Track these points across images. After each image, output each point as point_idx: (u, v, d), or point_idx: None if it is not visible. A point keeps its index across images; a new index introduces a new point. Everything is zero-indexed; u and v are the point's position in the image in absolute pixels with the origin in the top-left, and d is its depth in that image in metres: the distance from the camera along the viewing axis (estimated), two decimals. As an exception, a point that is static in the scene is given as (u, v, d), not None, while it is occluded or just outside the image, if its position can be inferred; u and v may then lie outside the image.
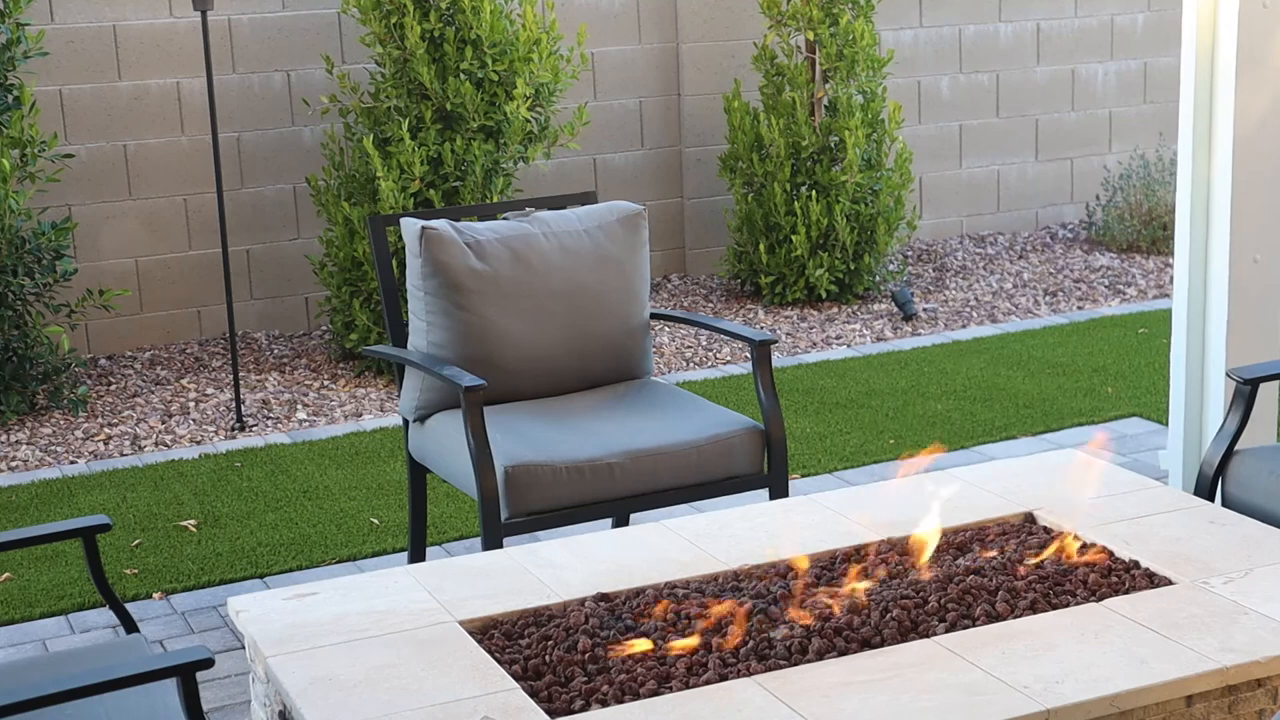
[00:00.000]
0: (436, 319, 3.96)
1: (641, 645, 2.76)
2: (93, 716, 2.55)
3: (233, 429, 5.64)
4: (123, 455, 5.44)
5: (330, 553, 4.55)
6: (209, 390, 6.08)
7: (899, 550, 3.14)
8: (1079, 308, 6.94)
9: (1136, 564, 3.03)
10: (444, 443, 3.91)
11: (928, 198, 8.03)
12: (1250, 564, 2.98)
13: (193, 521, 4.78)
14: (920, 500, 3.37)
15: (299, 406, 5.87)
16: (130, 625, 2.96)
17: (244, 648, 3.26)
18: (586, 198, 4.35)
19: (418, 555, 4.14)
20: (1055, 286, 7.25)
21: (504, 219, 4.15)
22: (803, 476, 4.99)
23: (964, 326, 6.71)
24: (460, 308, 3.95)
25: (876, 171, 7.00)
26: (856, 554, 3.13)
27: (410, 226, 3.98)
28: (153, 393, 6.07)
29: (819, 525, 3.26)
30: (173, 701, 2.53)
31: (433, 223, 4.00)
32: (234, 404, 5.85)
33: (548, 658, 2.74)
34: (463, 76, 5.99)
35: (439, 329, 3.96)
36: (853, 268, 7.01)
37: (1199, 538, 3.12)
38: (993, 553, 3.09)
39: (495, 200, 5.99)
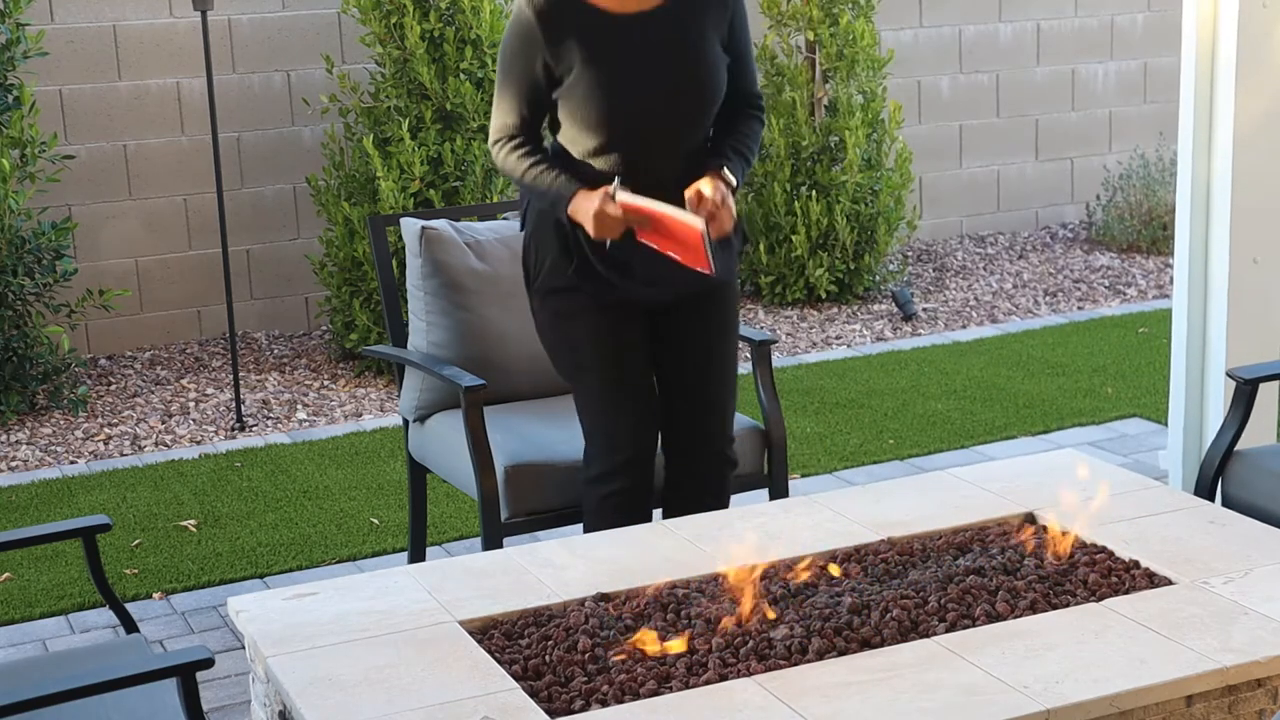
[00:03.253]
0: (436, 319, 3.96)
1: (644, 639, 2.76)
2: (93, 716, 2.55)
3: (233, 429, 5.64)
4: (123, 455, 5.44)
5: (330, 553, 4.55)
6: (209, 390, 6.08)
7: (899, 550, 3.14)
8: (1079, 308, 6.94)
9: (1136, 564, 3.03)
10: (444, 443, 3.91)
11: (928, 198, 8.03)
12: (1250, 564, 2.98)
13: (193, 521, 4.78)
14: (920, 500, 3.37)
15: (299, 406, 5.87)
16: (130, 625, 2.96)
17: (244, 648, 3.27)
18: (586, 198, 4.34)
19: (418, 555, 4.14)
20: (1055, 286, 7.25)
21: (504, 219, 4.16)
22: (803, 476, 4.99)
23: (964, 326, 6.71)
24: (460, 308, 3.95)
25: (876, 171, 7.00)
26: (857, 553, 3.13)
27: (410, 226, 3.98)
28: (153, 393, 6.07)
29: (819, 525, 3.26)
30: (173, 701, 2.53)
31: (433, 223, 4.00)
32: (234, 404, 5.85)
33: (548, 658, 2.74)
34: (463, 76, 5.99)
35: (439, 329, 3.96)
36: (853, 268, 7.01)
37: (1199, 538, 3.12)
38: (994, 552, 3.10)
39: (495, 200, 5.99)
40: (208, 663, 2.40)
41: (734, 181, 3.45)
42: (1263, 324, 4.46)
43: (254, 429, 5.65)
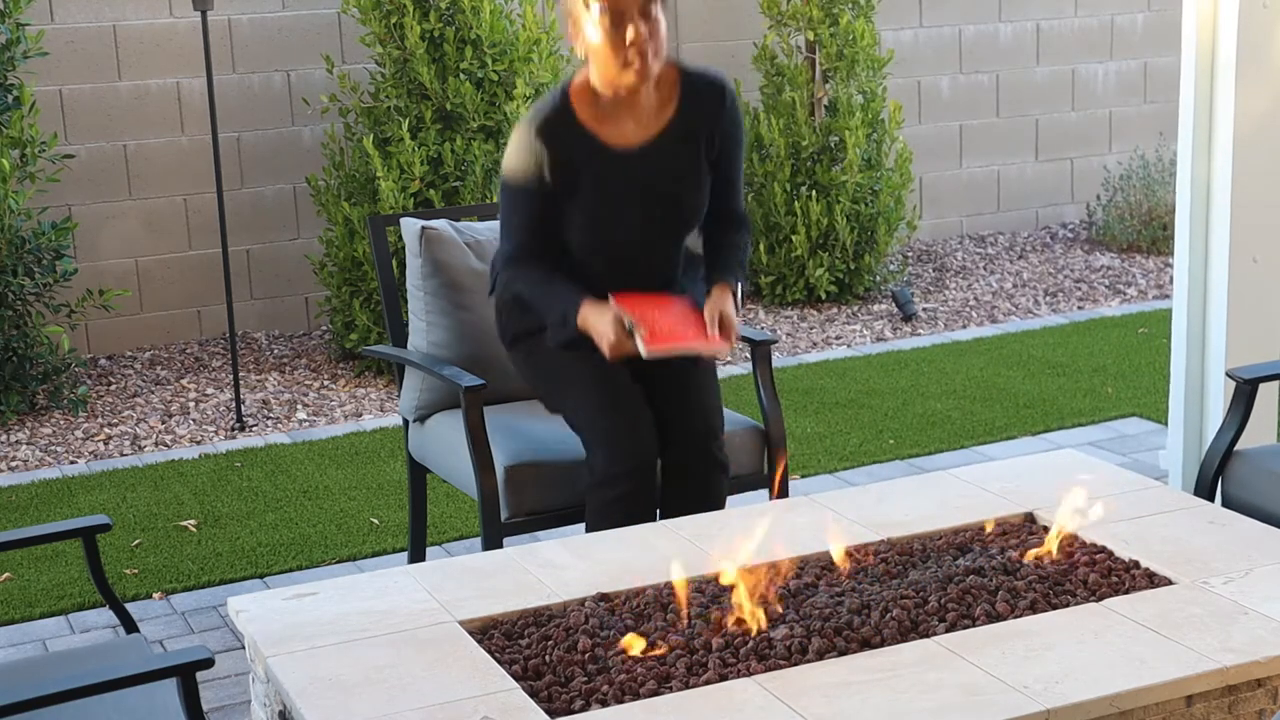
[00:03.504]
0: (436, 319, 3.96)
1: (634, 644, 2.76)
2: (93, 716, 2.55)
3: (233, 429, 5.64)
4: (123, 455, 5.44)
5: (330, 553, 4.55)
6: (209, 390, 6.08)
7: (898, 550, 3.14)
8: (1079, 308, 6.94)
9: (1136, 564, 3.03)
10: (444, 443, 3.91)
11: (928, 198, 8.03)
12: (1250, 564, 2.98)
13: (193, 521, 4.78)
14: (920, 500, 3.37)
15: (299, 406, 5.87)
16: (130, 625, 2.96)
17: (244, 648, 3.27)
18: (586, 198, 4.34)
19: (418, 555, 4.14)
20: (1055, 286, 7.25)
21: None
22: (803, 477, 4.99)
23: (964, 326, 6.71)
24: (460, 307, 3.95)
25: (876, 171, 7.00)
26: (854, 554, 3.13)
27: (410, 226, 3.98)
28: (153, 393, 6.07)
29: (819, 525, 3.26)
30: (173, 701, 2.53)
31: (433, 223, 4.00)
32: (234, 404, 5.85)
33: (548, 658, 2.74)
34: (463, 76, 5.99)
35: (439, 329, 3.96)
36: (853, 268, 7.01)
37: (1199, 538, 3.12)
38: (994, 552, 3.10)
39: (495, 200, 5.99)
40: (208, 663, 2.39)
41: (739, 303, 3.60)
42: (1263, 324, 4.46)
43: (254, 429, 5.65)
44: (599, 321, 3.44)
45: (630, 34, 3.35)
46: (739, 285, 3.59)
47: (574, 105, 3.50)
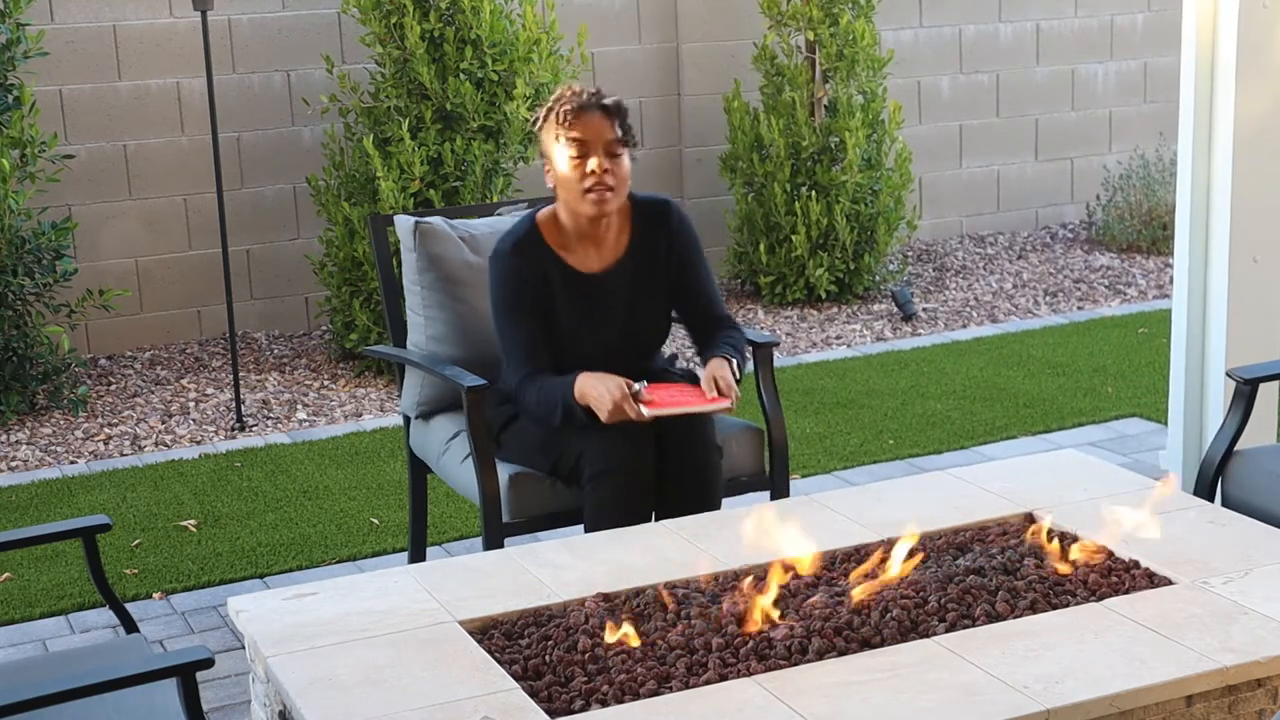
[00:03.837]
0: (434, 313, 3.96)
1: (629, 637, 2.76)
2: (93, 716, 2.55)
3: (233, 429, 5.64)
4: (123, 455, 5.43)
5: (330, 553, 4.55)
6: (209, 390, 6.08)
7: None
8: (1079, 308, 6.94)
9: (1136, 564, 3.03)
10: (449, 455, 3.91)
11: (928, 198, 8.03)
12: (1250, 564, 2.98)
13: (193, 521, 4.78)
14: (920, 500, 3.37)
15: (299, 406, 5.87)
16: (130, 625, 2.97)
17: (244, 648, 3.27)
18: (586, 198, 4.34)
19: (418, 555, 4.14)
20: (1055, 286, 7.25)
21: (499, 215, 4.17)
22: (803, 477, 4.99)
23: (964, 326, 6.71)
24: (457, 300, 3.95)
25: (876, 171, 7.00)
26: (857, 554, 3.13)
27: (404, 223, 3.98)
28: (153, 393, 6.07)
29: (819, 525, 3.26)
30: (173, 701, 2.53)
31: (426, 217, 4.01)
32: (234, 404, 5.85)
33: (548, 658, 2.74)
34: (463, 76, 5.99)
35: (437, 322, 3.96)
36: (853, 268, 7.01)
37: (1199, 538, 3.12)
38: (994, 552, 3.09)
39: (495, 200, 5.99)
40: (208, 663, 2.40)
41: (735, 373, 3.67)
42: (1263, 324, 4.46)
43: (254, 429, 5.65)
44: (596, 387, 3.53)
45: (593, 164, 3.57)
46: (733, 360, 3.69)
47: (542, 232, 3.70)
